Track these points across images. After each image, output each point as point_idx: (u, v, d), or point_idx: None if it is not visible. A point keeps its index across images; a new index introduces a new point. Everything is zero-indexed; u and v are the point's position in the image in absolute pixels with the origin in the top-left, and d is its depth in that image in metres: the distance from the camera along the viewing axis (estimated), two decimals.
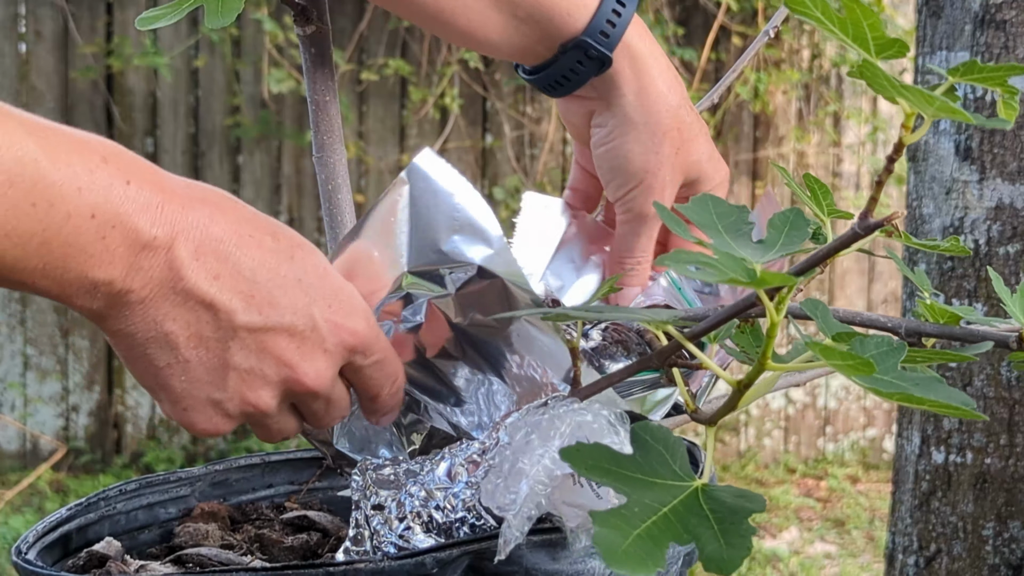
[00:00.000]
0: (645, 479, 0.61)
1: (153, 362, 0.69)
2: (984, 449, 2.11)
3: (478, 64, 4.91)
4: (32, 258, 0.62)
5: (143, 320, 0.67)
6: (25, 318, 4.86)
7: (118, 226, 0.64)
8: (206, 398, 0.70)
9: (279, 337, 0.69)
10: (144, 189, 0.66)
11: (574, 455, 0.61)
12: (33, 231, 0.62)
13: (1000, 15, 2.06)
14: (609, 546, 0.55)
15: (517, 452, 0.69)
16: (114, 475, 4.73)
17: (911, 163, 2.24)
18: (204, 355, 0.69)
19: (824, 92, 5.31)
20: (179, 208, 0.67)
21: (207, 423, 0.71)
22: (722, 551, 0.58)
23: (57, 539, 0.82)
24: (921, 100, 0.57)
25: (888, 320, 0.75)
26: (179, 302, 0.67)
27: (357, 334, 0.72)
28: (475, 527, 0.71)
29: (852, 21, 0.60)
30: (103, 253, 0.64)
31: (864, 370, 0.57)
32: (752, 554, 4.10)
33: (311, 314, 0.70)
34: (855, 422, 5.40)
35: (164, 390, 0.70)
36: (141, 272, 0.66)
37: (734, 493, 0.62)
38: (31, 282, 0.64)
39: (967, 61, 0.61)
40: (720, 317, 0.67)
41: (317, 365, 0.71)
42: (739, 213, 0.69)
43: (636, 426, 0.63)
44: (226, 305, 0.68)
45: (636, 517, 0.58)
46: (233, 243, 0.68)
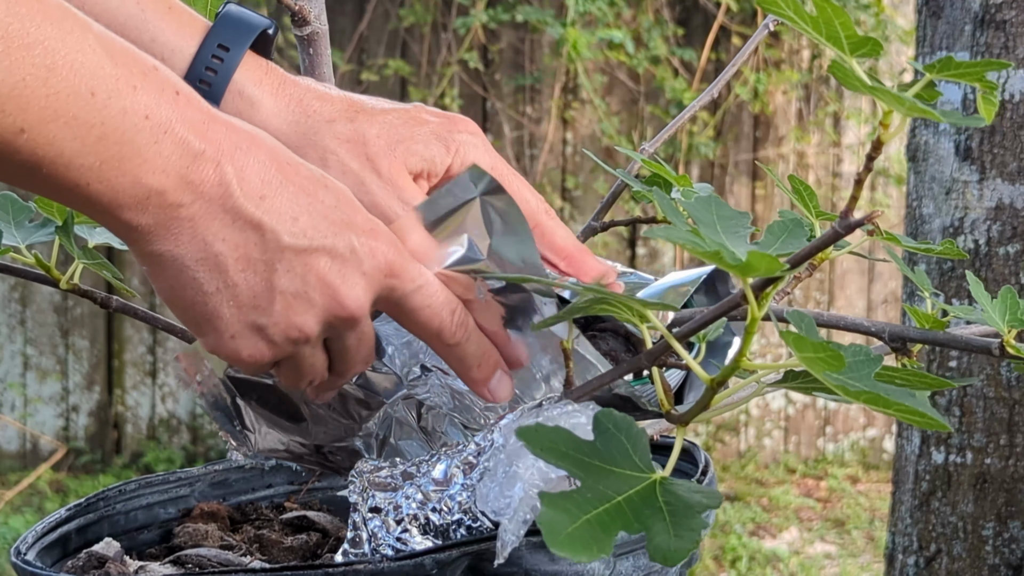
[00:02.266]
0: (603, 466, 0.60)
1: (202, 287, 0.67)
2: (984, 449, 2.11)
3: (478, 65, 4.91)
4: (89, 154, 0.62)
5: (192, 239, 0.66)
6: (25, 318, 4.86)
7: (170, 132, 0.64)
8: (252, 324, 0.69)
9: (321, 259, 0.69)
10: (192, 104, 0.65)
11: (531, 435, 0.60)
12: (92, 122, 0.61)
13: (1000, 15, 2.06)
14: (552, 528, 0.55)
15: (511, 455, 0.69)
16: (114, 475, 4.73)
17: (911, 163, 2.24)
18: (251, 278, 0.68)
19: (824, 92, 5.31)
20: (223, 128, 0.66)
21: (252, 350, 0.70)
22: (669, 542, 0.57)
23: (56, 539, 0.82)
24: (892, 100, 0.57)
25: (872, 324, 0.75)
26: (228, 221, 0.66)
27: (393, 260, 0.71)
28: (471, 529, 0.71)
29: (824, 20, 0.60)
30: (156, 158, 0.63)
31: (833, 365, 0.57)
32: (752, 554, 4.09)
33: (349, 238, 0.70)
34: (855, 422, 5.40)
35: (212, 319, 0.69)
36: (192, 186, 0.65)
37: (692, 489, 0.62)
38: (84, 184, 0.62)
39: (943, 57, 0.61)
40: (707, 317, 0.67)
41: (356, 290, 0.70)
42: (740, 217, 0.69)
43: (599, 413, 0.63)
44: (272, 226, 0.67)
45: (588, 503, 0.57)
46: (274, 167, 0.68)
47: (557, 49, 4.82)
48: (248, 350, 0.70)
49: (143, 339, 4.95)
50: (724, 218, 0.68)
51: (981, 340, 0.72)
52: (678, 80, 4.93)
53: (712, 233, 0.66)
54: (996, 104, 0.66)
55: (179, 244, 0.66)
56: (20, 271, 0.93)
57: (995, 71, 0.60)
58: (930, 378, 0.64)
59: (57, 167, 0.61)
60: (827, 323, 0.77)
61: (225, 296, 0.68)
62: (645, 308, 0.68)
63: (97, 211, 0.64)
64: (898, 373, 0.64)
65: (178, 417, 4.99)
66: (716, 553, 4.21)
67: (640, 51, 4.87)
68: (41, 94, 0.59)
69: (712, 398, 0.66)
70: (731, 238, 0.66)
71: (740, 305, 0.63)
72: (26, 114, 0.59)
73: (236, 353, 0.70)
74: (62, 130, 0.60)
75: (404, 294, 0.72)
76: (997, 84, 0.66)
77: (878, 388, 0.58)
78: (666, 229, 0.61)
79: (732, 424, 5.24)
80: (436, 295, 0.73)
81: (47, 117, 0.60)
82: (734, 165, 5.26)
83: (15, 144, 0.60)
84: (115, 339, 4.93)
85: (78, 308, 4.88)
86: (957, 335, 0.77)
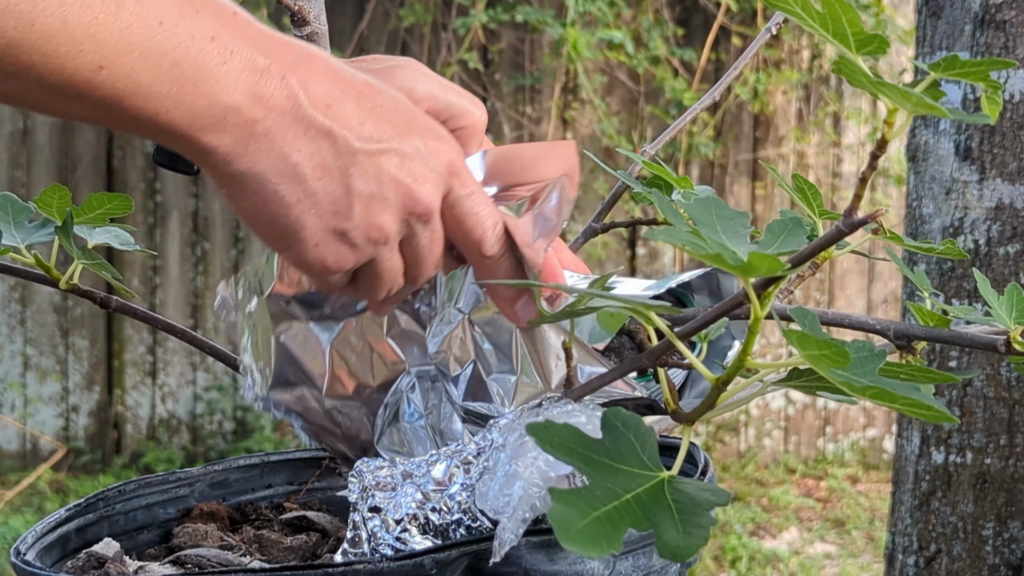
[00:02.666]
0: (611, 464, 0.61)
1: (284, 200, 0.69)
2: (984, 449, 2.11)
3: (478, 65, 4.91)
4: (164, 81, 0.64)
5: (270, 153, 0.68)
6: (25, 318, 4.86)
7: (236, 52, 0.66)
8: (335, 230, 0.71)
9: (392, 159, 0.71)
10: (250, 23, 0.68)
11: (541, 431, 0.60)
12: (163, 50, 0.63)
13: (1000, 15, 2.06)
14: (564, 523, 0.55)
15: (511, 454, 0.69)
16: (114, 475, 4.73)
17: (911, 163, 2.24)
18: (329, 185, 0.70)
19: (824, 92, 5.31)
20: (281, 44, 0.69)
21: (336, 256, 0.72)
22: (679, 539, 0.58)
23: (56, 540, 0.82)
24: (899, 96, 0.57)
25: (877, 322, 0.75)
26: (300, 132, 0.68)
27: (454, 161, 0.74)
28: (471, 529, 0.71)
29: (832, 16, 0.60)
30: (227, 77, 0.65)
31: (838, 361, 0.57)
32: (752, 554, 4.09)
33: (413, 138, 0.72)
34: (855, 422, 5.40)
35: (296, 230, 0.71)
36: (263, 101, 0.67)
37: (700, 487, 0.62)
38: (164, 111, 0.65)
39: (948, 56, 0.61)
40: (709, 316, 0.67)
41: (427, 186, 0.73)
42: (739, 217, 0.69)
43: (608, 412, 0.63)
44: (341, 132, 0.69)
45: (597, 500, 0.58)
46: (333, 77, 0.70)
47: (557, 49, 4.82)
48: (332, 256, 0.72)
49: (143, 339, 4.95)
50: (724, 218, 0.68)
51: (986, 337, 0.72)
52: (678, 80, 4.93)
53: (712, 234, 0.66)
54: (1000, 104, 0.66)
55: (258, 160, 0.68)
56: (20, 271, 0.93)
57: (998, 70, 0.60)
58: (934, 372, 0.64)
59: (136, 98, 0.64)
60: (831, 321, 0.77)
61: (306, 206, 0.70)
62: (648, 310, 0.68)
63: (178, 138, 0.66)
64: (902, 368, 0.64)
65: (178, 417, 4.99)
66: (716, 553, 4.21)
67: (640, 51, 4.87)
68: (114, 29, 0.62)
69: (718, 397, 0.66)
70: (731, 238, 0.66)
71: (742, 304, 0.63)
72: (103, 50, 0.62)
73: (322, 261, 0.72)
74: (137, 62, 0.63)
75: (459, 197, 0.75)
76: (1001, 84, 0.65)
77: (883, 383, 0.58)
78: (667, 231, 0.62)
79: (732, 424, 5.24)
80: (485, 204, 0.76)
81: (122, 51, 0.62)
82: (734, 165, 5.26)
83: (95, 81, 0.62)
84: (115, 339, 4.93)
85: (78, 308, 4.88)
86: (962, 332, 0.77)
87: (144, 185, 4.95)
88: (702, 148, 5.00)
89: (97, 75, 0.62)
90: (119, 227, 0.96)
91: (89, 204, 0.92)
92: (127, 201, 0.92)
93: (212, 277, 4.99)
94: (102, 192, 0.93)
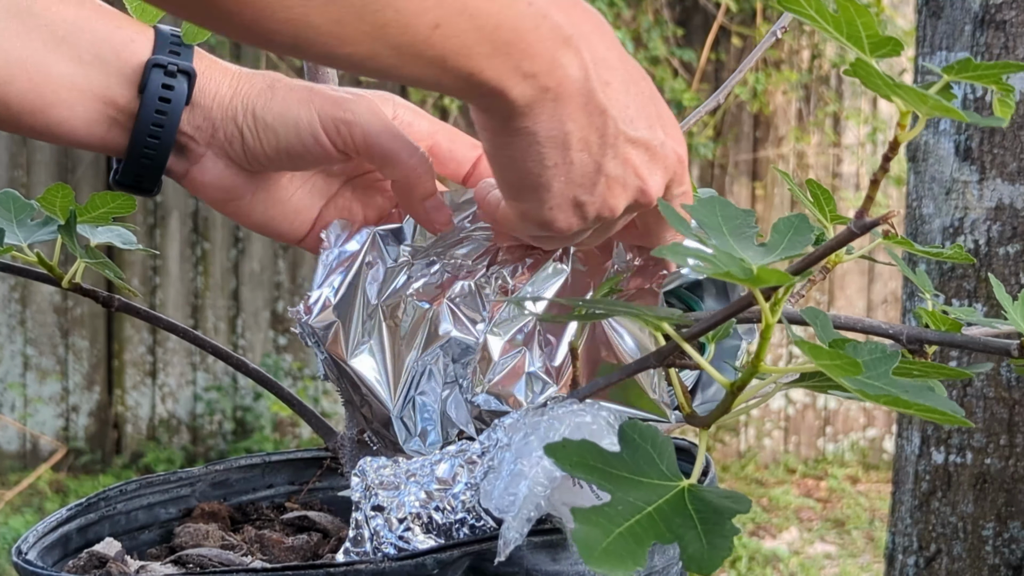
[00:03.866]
0: (631, 477, 0.60)
1: (543, 161, 0.72)
2: (984, 449, 2.11)
3: None
4: (486, 42, 0.67)
5: (551, 118, 0.71)
6: (25, 318, 4.86)
7: (547, 17, 0.69)
8: (574, 199, 0.74)
9: (640, 149, 0.74)
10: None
11: (559, 451, 0.60)
12: (490, 11, 0.66)
13: (1000, 15, 2.06)
14: (588, 544, 0.55)
15: (516, 453, 0.69)
16: (114, 475, 4.73)
17: (911, 163, 2.24)
18: (586, 159, 0.73)
19: (824, 92, 5.31)
20: (581, 13, 0.71)
21: (566, 222, 0.75)
22: (703, 551, 0.57)
23: (57, 539, 0.82)
24: (915, 98, 0.57)
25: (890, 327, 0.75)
26: (581, 104, 0.71)
27: (683, 161, 0.77)
28: (475, 528, 0.71)
29: (846, 19, 0.60)
30: (537, 43, 0.68)
31: (851, 371, 0.57)
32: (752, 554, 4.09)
33: (659, 132, 0.75)
34: (855, 422, 5.40)
35: (540, 189, 0.74)
36: (560, 69, 0.69)
37: (720, 494, 0.62)
38: (478, 72, 0.68)
39: (962, 59, 0.61)
40: (718, 318, 0.67)
41: (657, 180, 0.76)
42: (745, 216, 0.69)
43: (625, 425, 0.63)
44: (613, 113, 0.72)
45: (619, 515, 0.57)
46: (614, 57, 0.72)
47: None
48: (563, 221, 0.75)
49: (143, 339, 4.95)
50: (729, 218, 0.68)
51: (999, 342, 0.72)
52: (678, 80, 4.93)
53: (718, 237, 0.65)
54: (1012, 107, 0.66)
55: (537, 122, 0.71)
56: (22, 270, 0.93)
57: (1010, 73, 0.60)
58: (946, 369, 0.64)
59: (459, 58, 0.67)
60: (844, 326, 0.77)
61: (560, 171, 0.73)
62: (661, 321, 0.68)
63: (479, 95, 0.69)
64: (914, 365, 0.64)
65: (178, 417, 4.99)
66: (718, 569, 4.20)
67: (639, 51, 4.87)
68: None
69: (732, 401, 0.66)
70: (738, 240, 0.66)
71: (751, 305, 0.63)
72: (442, 9, 0.65)
73: (551, 222, 0.75)
74: (467, 22, 0.66)
75: (674, 196, 0.78)
76: (1013, 88, 0.65)
77: (897, 388, 0.58)
78: (671, 248, 0.61)
79: (732, 424, 5.24)
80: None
81: (457, 10, 0.66)
82: (734, 165, 5.26)
83: (430, 39, 0.66)
84: (115, 339, 4.93)
85: (78, 308, 4.88)
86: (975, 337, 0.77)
87: None
88: (702, 148, 5.00)
89: (433, 33, 0.65)
90: (121, 226, 0.96)
91: (92, 203, 0.92)
92: (130, 201, 0.92)
93: (212, 277, 4.98)
94: (105, 191, 0.93)
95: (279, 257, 5.03)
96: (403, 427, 0.86)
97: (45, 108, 0.79)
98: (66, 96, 0.79)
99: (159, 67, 0.80)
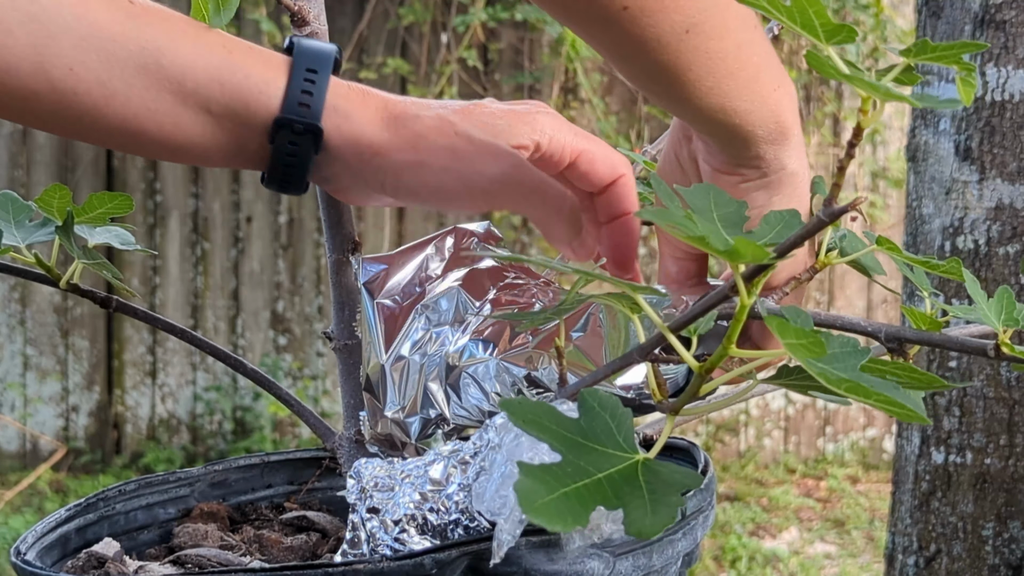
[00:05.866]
0: (585, 443, 0.60)
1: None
2: (984, 449, 2.11)
3: (477, 63, 4.91)
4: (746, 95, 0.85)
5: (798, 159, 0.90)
6: (25, 318, 4.86)
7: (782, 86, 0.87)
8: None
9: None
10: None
11: (515, 407, 0.60)
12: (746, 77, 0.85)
13: (1000, 15, 2.06)
14: (528, 495, 0.55)
15: (507, 455, 0.69)
16: (114, 475, 4.73)
17: (911, 164, 2.24)
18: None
19: (823, 93, 5.31)
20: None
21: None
22: (647, 517, 0.58)
23: (56, 540, 0.82)
24: (867, 86, 0.58)
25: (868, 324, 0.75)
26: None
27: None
28: (469, 529, 0.71)
29: (799, 9, 0.60)
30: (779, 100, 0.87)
31: (815, 351, 0.57)
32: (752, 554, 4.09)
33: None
34: (855, 422, 5.40)
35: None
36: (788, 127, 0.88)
37: (675, 470, 0.62)
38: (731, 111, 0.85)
39: (919, 40, 0.61)
40: (698, 310, 0.67)
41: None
42: (737, 207, 0.69)
43: (584, 392, 0.63)
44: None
45: (567, 476, 0.58)
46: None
47: (556, 48, 4.82)
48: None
49: (143, 339, 4.95)
50: (721, 204, 0.68)
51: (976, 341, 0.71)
52: None
53: (707, 220, 0.66)
54: (975, 86, 0.66)
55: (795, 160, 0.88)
56: (20, 271, 0.93)
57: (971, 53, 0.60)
58: (924, 375, 0.64)
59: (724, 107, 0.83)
60: (824, 323, 0.77)
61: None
62: (635, 292, 0.67)
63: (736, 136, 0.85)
64: (889, 367, 0.64)
65: (178, 417, 4.99)
66: (716, 553, 4.21)
67: None
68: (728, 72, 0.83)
69: (700, 385, 0.65)
70: (726, 226, 0.66)
71: (729, 298, 0.63)
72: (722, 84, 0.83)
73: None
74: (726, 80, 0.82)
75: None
76: (975, 66, 0.66)
77: (860, 378, 0.58)
78: (656, 211, 0.61)
79: (732, 424, 5.24)
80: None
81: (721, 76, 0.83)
82: None
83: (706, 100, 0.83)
84: (115, 339, 4.93)
85: (78, 308, 4.88)
86: (952, 336, 0.77)
87: (144, 185, 4.95)
88: None
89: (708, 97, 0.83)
90: (120, 227, 0.96)
91: (90, 204, 0.92)
92: (128, 201, 0.92)
93: (212, 277, 4.98)
94: (103, 191, 0.92)
95: (279, 257, 5.03)
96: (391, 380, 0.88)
97: (176, 151, 0.81)
98: (199, 141, 0.80)
99: (286, 127, 0.80)
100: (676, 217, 0.61)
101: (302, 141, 0.80)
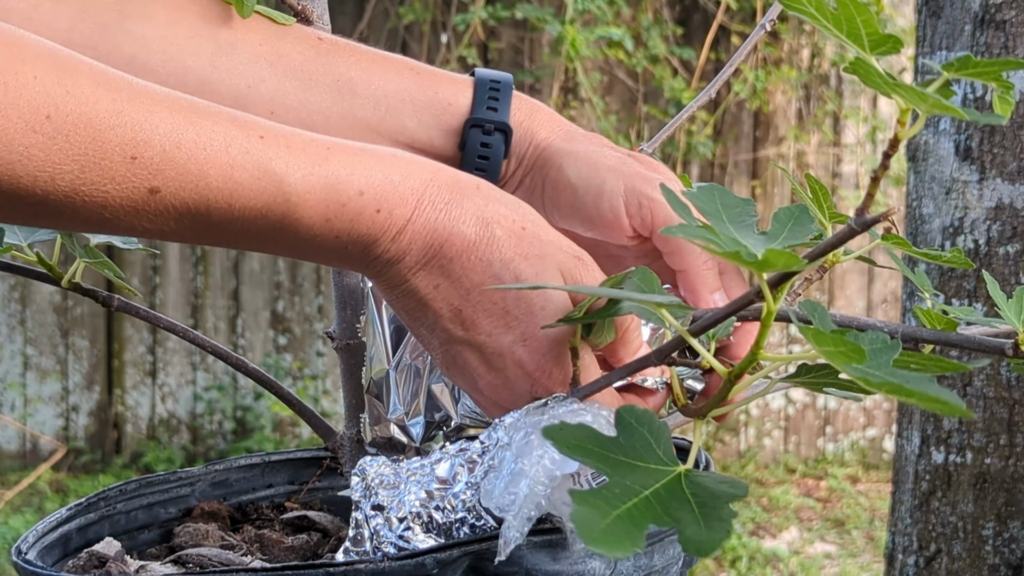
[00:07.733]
0: (628, 461, 0.61)
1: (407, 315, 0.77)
2: (984, 449, 2.11)
3: (477, 62, 4.90)
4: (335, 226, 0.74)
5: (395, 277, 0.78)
6: (25, 318, 4.86)
7: (383, 209, 0.73)
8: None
9: (470, 352, 0.76)
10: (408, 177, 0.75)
11: (556, 434, 0.60)
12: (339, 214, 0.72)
13: (1000, 15, 2.06)
14: (587, 524, 0.55)
15: (516, 452, 0.69)
16: (114, 475, 4.73)
17: (911, 163, 2.24)
18: (423, 334, 0.77)
19: (823, 92, 5.31)
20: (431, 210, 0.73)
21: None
22: (701, 533, 0.58)
23: (57, 539, 0.82)
24: (914, 97, 0.57)
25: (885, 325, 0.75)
26: (404, 292, 0.75)
27: (533, 374, 0.76)
28: (475, 527, 0.71)
29: (846, 17, 0.60)
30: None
31: (855, 358, 0.57)
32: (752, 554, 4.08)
33: (501, 343, 0.75)
34: (855, 422, 5.40)
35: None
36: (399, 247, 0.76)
37: (717, 479, 0.62)
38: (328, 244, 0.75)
39: (962, 56, 0.61)
40: (720, 314, 0.67)
41: (495, 382, 0.76)
42: (744, 205, 0.69)
43: (621, 409, 0.63)
44: (436, 310, 0.75)
45: (616, 498, 0.58)
46: (460, 264, 0.74)
47: (556, 47, 4.82)
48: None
49: (143, 339, 4.95)
50: (728, 207, 0.68)
51: (994, 341, 0.72)
52: (677, 79, 4.93)
53: (719, 224, 0.66)
54: (1012, 104, 0.66)
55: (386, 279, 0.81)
56: (22, 269, 0.93)
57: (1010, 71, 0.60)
58: (945, 362, 0.64)
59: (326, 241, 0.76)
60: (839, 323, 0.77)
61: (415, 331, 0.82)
62: (659, 308, 0.68)
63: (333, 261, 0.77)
64: (912, 358, 0.64)
65: (178, 417, 4.99)
66: (716, 553, 4.20)
67: (639, 50, 4.86)
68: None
69: (730, 391, 0.66)
70: (738, 228, 0.66)
71: (752, 302, 0.64)
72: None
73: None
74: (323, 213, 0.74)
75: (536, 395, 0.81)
76: (1013, 85, 0.65)
77: (898, 377, 0.58)
78: (683, 227, 0.61)
79: (732, 424, 5.24)
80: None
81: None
82: (733, 165, 5.26)
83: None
84: (115, 339, 4.93)
85: (78, 308, 4.88)
86: (969, 336, 0.77)
87: None
88: (701, 147, 5.00)
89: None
90: None
91: None
92: None
93: (212, 277, 4.98)
94: None
95: (279, 257, 5.03)
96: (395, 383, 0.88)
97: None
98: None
99: (477, 127, 0.86)
100: (699, 231, 0.61)
101: (493, 141, 0.87)
